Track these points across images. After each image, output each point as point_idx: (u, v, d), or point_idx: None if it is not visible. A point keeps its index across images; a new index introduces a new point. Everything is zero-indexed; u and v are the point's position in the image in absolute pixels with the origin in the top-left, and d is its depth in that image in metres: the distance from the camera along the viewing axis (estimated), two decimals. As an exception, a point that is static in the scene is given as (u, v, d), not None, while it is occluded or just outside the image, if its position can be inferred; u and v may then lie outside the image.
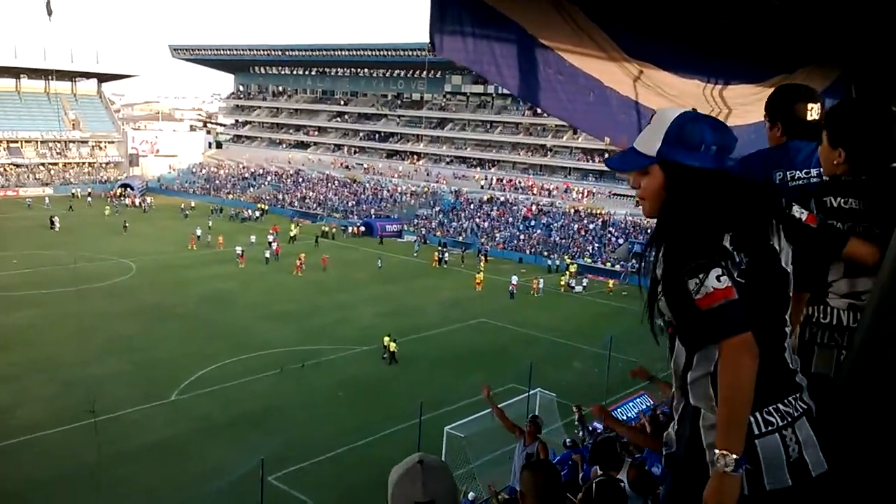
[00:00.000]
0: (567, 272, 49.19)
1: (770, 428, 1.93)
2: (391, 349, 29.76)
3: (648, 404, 19.48)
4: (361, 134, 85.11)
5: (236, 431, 22.55)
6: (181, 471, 19.96)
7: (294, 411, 24.29)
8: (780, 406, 1.97)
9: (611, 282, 46.91)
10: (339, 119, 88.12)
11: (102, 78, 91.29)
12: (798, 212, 2.30)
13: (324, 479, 19.93)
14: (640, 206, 2.12)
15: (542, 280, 45.36)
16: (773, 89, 5.38)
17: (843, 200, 2.52)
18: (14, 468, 19.53)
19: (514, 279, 44.24)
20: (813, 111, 3.01)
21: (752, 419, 1.90)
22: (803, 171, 2.87)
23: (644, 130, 2.04)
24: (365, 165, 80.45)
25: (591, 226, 59.70)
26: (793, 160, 2.87)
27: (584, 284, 46.32)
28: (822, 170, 2.71)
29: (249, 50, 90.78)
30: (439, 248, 55.06)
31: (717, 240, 1.87)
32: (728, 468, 1.79)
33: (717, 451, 1.82)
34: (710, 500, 1.82)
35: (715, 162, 1.95)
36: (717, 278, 1.79)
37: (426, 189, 72.41)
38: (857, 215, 2.48)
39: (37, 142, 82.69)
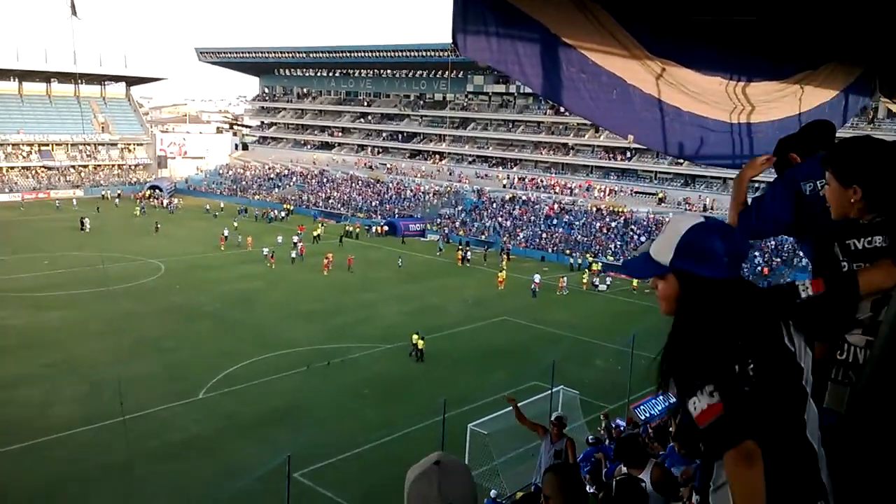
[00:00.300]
0: (588, 270, 49.10)
1: None
2: (419, 346, 30.03)
3: (670, 402, 19.38)
4: (385, 134, 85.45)
5: (263, 429, 22.80)
6: (209, 468, 20.26)
7: (320, 409, 24.52)
8: None
9: (635, 280, 46.68)
10: (362, 120, 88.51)
11: (131, 81, 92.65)
12: (803, 289, 2.18)
13: (349, 475, 20.11)
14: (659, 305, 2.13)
15: (565, 278, 45.33)
16: (796, 85, 5.43)
17: (867, 241, 2.42)
18: (46, 465, 19.94)
19: (537, 278, 44.29)
20: None
21: None
22: None
23: (658, 237, 2.06)
24: (388, 165, 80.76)
25: (613, 224, 59.43)
26: (821, 171, 2.73)
27: (608, 283, 46.03)
28: None
29: (274, 52, 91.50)
30: (462, 246, 55.16)
31: (724, 351, 1.88)
32: None
33: None
34: None
35: (728, 271, 1.96)
36: (710, 394, 1.83)
37: (449, 188, 72.52)
38: (886, 252, 2.39)
39: (67, 145, 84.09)
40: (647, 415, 18.57)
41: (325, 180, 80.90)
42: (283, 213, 69.61)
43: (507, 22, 4.01)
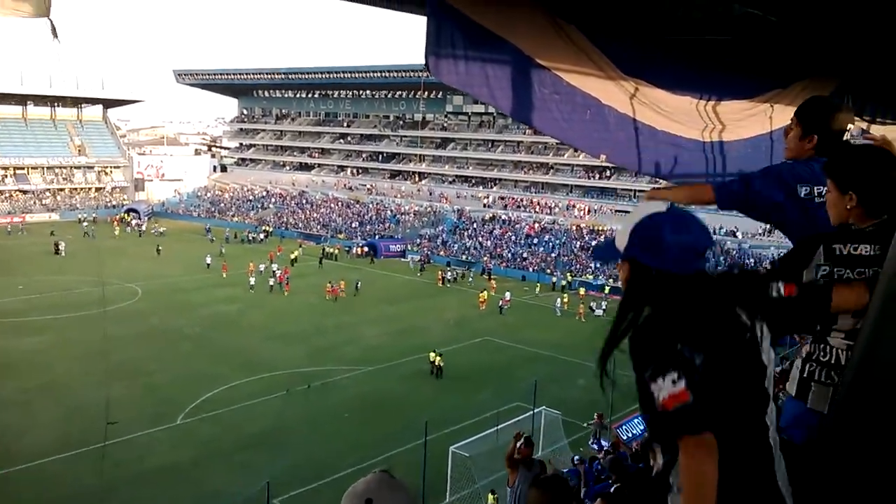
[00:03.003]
0: (562, 291, 48.61)
1: None
2: (437, 363, 30.26)
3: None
4: (364, 155, 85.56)
5: (242, 454, 22.51)
6: (188, 494, 19.95)
7: (300, 433, 24.25)
8: None
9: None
10: (342, 140, 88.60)
11: (108, 104, 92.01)
12: (776, 289, 2.21)
13: (330, 500, 19.77)
14: None
15: (509, 293, 45.57)
16: (766, 104, 5.49)
17: (853, 247, 2.46)
18: (22, 492, 19.54)
19: (507, 295, 44.94)
20: (850, 127, 2.99)
21: None
22: None
23: (620, 226, 2.08)
24: (368, 186, 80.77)
25: (594, 242, 59.74)
26: (820, 177, 2.79)
27: (605, 307, 44.20)
28: None
29: (253, 74, 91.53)
30: (443, 267, 55.14)
31: (671, 344, 1.86)
32: None
33: None
34: None
35: (676, 265, 1.94)
36: (673, 382, 1.81)
37: (429, 209, 72.61)
38: (870, 261, 2.43)
39: (43, 168, 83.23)
40: (630, 434, 18.57)
41: (304, 201, 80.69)
42: (261, 235, 69.19)
43: (477, 44, 4.03)
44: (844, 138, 2.98)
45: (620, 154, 4.99)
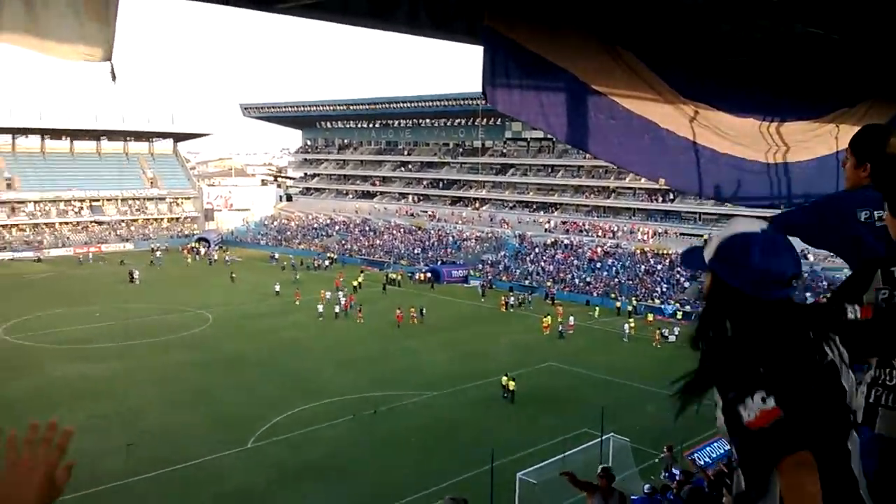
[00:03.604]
0: (628, 316, 47.54)
1: None
2: (510, 388, 30.35)
3: (726, 449, 18.88)
4: (425, 182, 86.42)
5: (311, 478, 22.80)
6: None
7: (367, 458, 24.43)
8: None
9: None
10: (402, 168, 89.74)
11: (178, 137, 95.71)
12: (852, 311, 2.21)
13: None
14: None
15: (573, 318, 45.28)
16: (831, 124, 5.44)
17: None
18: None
19: (571, 320, 44.79)
20: None
21: None
22: None
23: (714, 235, 2.07)
24: (429, 212, 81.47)
25: (659, 266, 58.74)
26: (879, 201, 2.78)
27: (677, 333, 42.58)
28: None
29: (315, 106, 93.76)
30: (506, 292, 55.03)
31: (754, 366, 1.83)
32: None
33: None
34: None
35: (755, 289, 1.91)
36: (762, 400, 1.77)
37: (490, 234, 72.71)
38: None
39: (117, 200, 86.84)
40: (703, 462, 18.13)
41: (367, 229, 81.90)
42: (326, 262, 70.46)
43: (531, 72, 4.13)
44: None
45: (680, 177, 4.99)
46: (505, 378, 30.85)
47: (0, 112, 79.30)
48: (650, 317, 47.75)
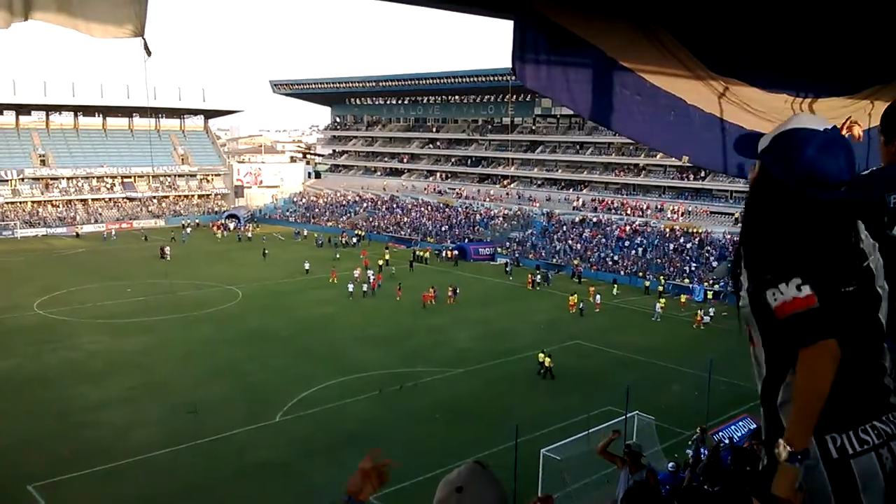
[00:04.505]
0: (658, 296, 46.99)
1: (865, 447, 1.91)
2: (547, 364, 30.49)
3: (752, 427, 18.80)
4: (453, 159, 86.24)
5: (337, 452, 23.08)
6: (286, 490, 20.63)
7: (392, 433, 24.65)
8: (877, 423, 1.93)
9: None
10: (431, 146, 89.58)
11: (208, 114, 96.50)
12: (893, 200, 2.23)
13: (422, 500, 20.08)
14: None
15: (599, 295, 45.32)
16: (866, 100, 5.30)
17: None
18: (129, 487, 20.64)
19: (598, 298, 44.92)
20: None
21: (844, 438, 1.89)
22: None
23: (776, 127, 2.05)
24: (457, 190, 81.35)
25: (689, 245, 58.13)
26: None
27: (712, 314, 41.73)
28: None
29: (345, 83, 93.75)
30: (533, 270, 54.92)
31: (793, 254, 1.86)
32: (782, 458, 1.81)
33: (780, 440, 1.84)
34: (773, 490, 1.84)
35: (799, 185, 1.91)
36: (798, 287, 1.79)
37: (518, 212, 72.46)
38: None
39: (149, 176, 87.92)
40: (728, 440, 18.08)
41: (395, 206, 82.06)
42: (354, 240, 70.85)
43: (560, 49, 4.09)
44: None
45: (704, 155, 4.92)
46: (542, 354, 30.95)
47: (34, 89, 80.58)
48: (683, 298, 47.41)
